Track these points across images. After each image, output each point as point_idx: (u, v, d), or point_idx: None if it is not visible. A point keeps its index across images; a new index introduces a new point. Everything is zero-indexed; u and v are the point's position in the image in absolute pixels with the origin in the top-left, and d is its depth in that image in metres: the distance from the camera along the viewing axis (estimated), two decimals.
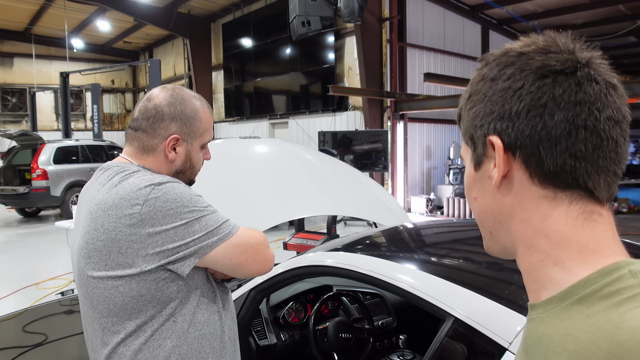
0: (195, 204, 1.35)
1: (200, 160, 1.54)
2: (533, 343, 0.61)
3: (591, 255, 0.60)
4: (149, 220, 1.30)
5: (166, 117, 1.44)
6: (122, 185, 1.35)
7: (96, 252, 1.34)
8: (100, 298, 1.36)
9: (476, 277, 1.67)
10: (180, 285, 1.36)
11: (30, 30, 20.78)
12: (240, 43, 16.56)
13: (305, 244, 4.70)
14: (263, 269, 1.48)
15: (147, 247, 1.30)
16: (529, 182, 0.63)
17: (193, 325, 1.39)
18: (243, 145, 3.60)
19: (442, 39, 13.49)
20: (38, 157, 11.07)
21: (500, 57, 0.67)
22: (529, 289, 0.66)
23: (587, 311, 0.56)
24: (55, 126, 21.99)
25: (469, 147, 0.70)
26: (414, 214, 11.83)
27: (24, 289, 6.38)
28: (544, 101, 0.60)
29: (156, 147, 1.46)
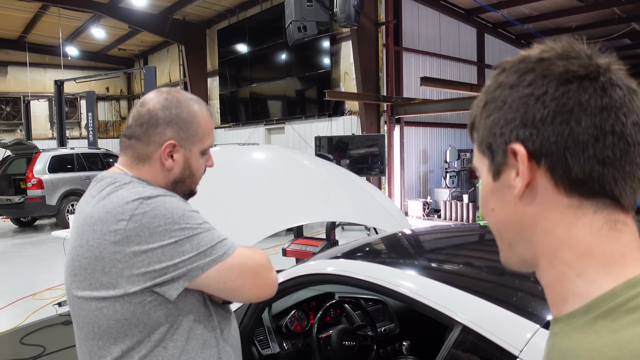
0: (187, 221, 1.24)
1: (201, 167, 1.41)
2: (557, 358, 0.59)
3: (616, 266, 0.58)
4: (135, 238, 1.19)
5: (161, 122, 1.33)
6: (109, 199, 1.25)
7: (81, 270, 1.24)
8: (85, 320, 1.27)
9: (481, 283, 1.65)
10: (170, 309, 1.25)
11: (25, 39, 20.74)
12: (235, 49, 16.58)
13: (305, 250, 4.67)
14: (263, 293, 1.35)
15: (131, 267, 1.20)
16: (553, 191, 0.60)
17: (185, 353, 1.28)
18: (240, 151, 3.58)
19: (438, 43, 13.52)
20: (33, 166, 11.03)
21: (518, 63, 0.64)
22: (551, 303, 0.65)
23: (613, 325, 0.54)
24: (50, 134, 21.93)
25: (485, 156, 0.68)
26: (410, 217, 11.82)
27: (21, 300, 6.33)
28: (570, 107, 0.58)
29: (151, 155, 1.34)
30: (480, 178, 0.72)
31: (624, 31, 13.68)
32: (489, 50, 15.04)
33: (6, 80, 21.97)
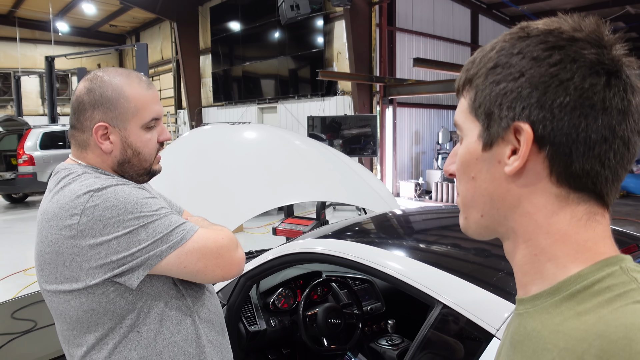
0: (141, 209, 1.22)
1: (147, 143, 1.35)
2: (521, 338, 0.60)
3: (587, 252, 0.59)
4: (89, 231, 1.18)
5: (87, 106, 1.30)
6: (62, 193, 1.24)
7: (46, 265, 1.25)
8: (57, 311, 1.28)
9: (464, 264, 1.69)
10: (135, 296, 1.25)
11: (14, 13, 20.39)
12: (228, 27, 16.39)
13: (295, 229, 4.70)
14: (228, 273, 1.34)
15: (89, 260, 1.20)
16: (545, 179, 0.59)
17: (160, 334, 1.29)
18: (232, 131, 3.58)
19: (432, 24, 13.44)
20: (24, 142, 10.95)
21: (547, 34, 0.59)
22: (518, 282, 0.65)
23: (578, 308, 0.55)
24: (41, 111, 21.72)
25: (478, 121, 0.64)
26: (402, 198, 11.88)
27: (12, 275, 6.35)
28: (593, 102, 0.56)
29: (88, 141, 1.32)
30: (461, 138, 0.68)
31: (618, 14, 13.64)
32: (483, 31, 14.97)
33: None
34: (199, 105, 18.68)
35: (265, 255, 2.12)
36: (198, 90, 18.69)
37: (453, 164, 0.70)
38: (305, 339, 2.21)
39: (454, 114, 0.69)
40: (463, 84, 0.67)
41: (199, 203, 2.57)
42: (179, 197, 2.39)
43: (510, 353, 0.62)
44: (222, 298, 2.15)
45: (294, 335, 2.39)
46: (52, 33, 18.53)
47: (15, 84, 17.09)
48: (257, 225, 8.74)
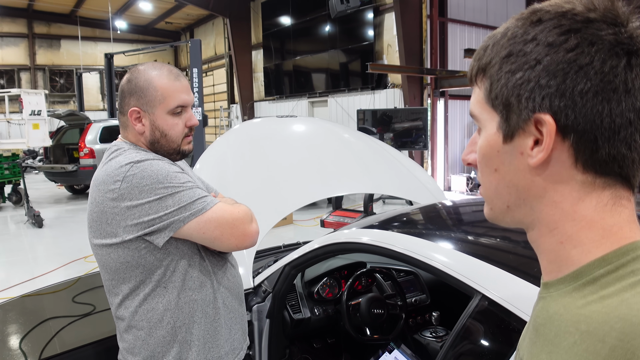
0: (170, 181, 1.44)
1: (172, 127, 1.56)
2: (543, 321, 0.60)
3: (612, 237, 0.58)
4: (127, 195, 1.41)
5: (126, 94, 1.55)
6: (110, 164, 1.49)
7: (93, 223, 1.50)
8: (101, 263, 1.53)
9: (504, 255, 1.67)
10: (162, 254, 1.47)
11: (76, 13, 21.33)
12: (279, 21, 16.54)
13: (342, 221, 4.74)
14: (242, 243, 1.54)
15: (126, 219, 1.42)
16: (571, 166, 0.58)
17: (183, 292, 1.51)
18: (280, 124, 3.63)
19: (485, 13, 13.13)
20: (85, 136, 11.40)
21: (560, 17, 0.57)
22: (544, 269, 0.64)
23: (601, 292, 0.54)
24: (101, 106, 22.61)
25: (496, 112, 0.62)
26: (454, 192, 11.70)
27: (73, 262, 6.67)
28: (615, 85, 0.54)
29: (127, 122, 1.57)
30: (478, 128, 0.67)
31: None
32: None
33: (59, 54, 22.71)
34: (251, 100, 18.96)
35: (310, 244, 2.14)
36: (250, 84, 18.96)
37: (472, 152, 0.69)
38: (348, 328, 2.23)
39: None
40: (476, 73, 0.65)
41: (248, 192, 2.63)
42: (227, 186, 2.45)
43: (532, 336, 0.62)
44: (268, 286, 2.20)
45: (338, 325, 2.42)
46: (111, 31, 19.25)
47: (78, 81, 17.85)
48: (307, 218, 8.83)
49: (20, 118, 10.45)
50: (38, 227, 8.79)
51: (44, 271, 6.29)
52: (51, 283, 3.36)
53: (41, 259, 7.11)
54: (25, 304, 3.02)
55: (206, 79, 21.74)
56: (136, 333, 1.52)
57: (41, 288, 3.24)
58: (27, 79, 22.13)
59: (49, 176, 12.01)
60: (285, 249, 3.10)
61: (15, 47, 21.92)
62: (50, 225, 9.07)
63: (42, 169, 12.03)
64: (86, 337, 2.34)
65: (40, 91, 10.46)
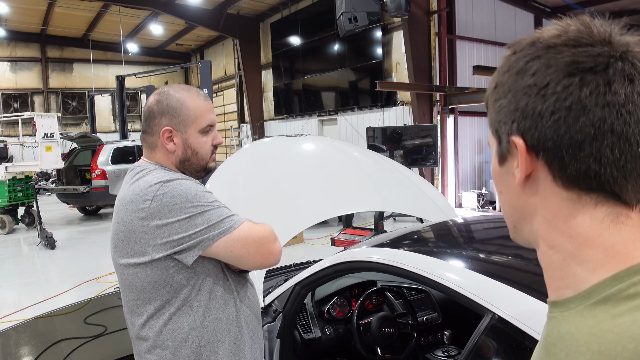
0: (199, 200, 1.47)
1: (202, 145, 1.62)
2: (554, 341, 0.59)
3: (617, 256, 0.57)
4: (157, 214, 1.44)
5: (156, 114, 1.58)
6: (137, 183, 1.51)
7: (119, 242, 1.52)
8: (125, 283, 1.54)
9: (516, 273, 1.66)
10: (190, 273, 1.49)
11: (88, 37, 21.70)
12: (288, 41, 16.71)
13: (353, 240, 4.73)
14: (267, 261, 1.56)
15: (156, 237, 1.44)
16: (552, 184, 0.60)
17: (208, 310, 1.52)
18: (290, 143, 3.65)
19: (493, 30, 13.17)
20: (97, 157, 11.53)
21: (528, 47, 0.62)
22: (549, 286, 0.64)
23: (613, 311, 0.54)
24: (113, 127, 22.87)
25: (494, 139, 0.68)
26: (465, 209, 11.63)
27: (85, 283, 6.70)
28: (568, 103, 0.56)
29: (157, 142, 1.60)
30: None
31: None
32: None
33: (72, 77, 23.06)
34: (261, 119, 19.08)
35: (320, 263, 2.14)
36: (260, 104, 19.11)
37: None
38: (359, 348, 2.21)
39: None
40: (486, 107, 0.71)
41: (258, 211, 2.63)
42: (238, 206, 2.46)
43: (543, 356, 0.61)
44: (278, 306, 2.19)
45: (349, 344, 2.40)
46: (123, 54, 19.52)
47: (90, 103, 18.09)
48: (317, 237, 8.81)
49: (33, 141, 10.59)
50: (51, 249, 8.84)
51: (57, 293, 6.31)
52: (63, 305, 3.38)
53: (53, 280, 7.14)
54: (37, 326, 3.03)
55: (216, 99, 21.93)
56: (160, 353, 1.53)
57: (53, 310, 3.26)
58: (40, 102, 22.45)
59: (62, 198, 12.11)
60: (295, 268, 3.10)
61: (28, 71, 22.28)
62: (62, 247, 9.12)
63: (54, 191, 12.15)
64: (98, 358, 2.34)
65: (52, 114, 10.60)
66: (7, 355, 2.58)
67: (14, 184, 10.40)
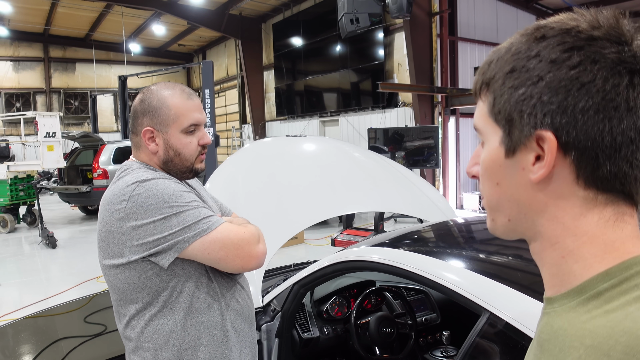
0: (175, 200, 1.43)
1: (186, 145, 1.56)
2: (548, 337, 0.59)
3: (615, 252, 0.58)
4: (133, 215, 1.41)
5: (139, 113, 1.56)
6: (117, 183, 1.49)
7: (102, 243, 1.49)
8: (109, 283, 1.52)
9: (513, 272, 1.66)
10: (168, 275, 1.45)
11: (91, 37, 21.73)
12: (290, 42, 16.72)
13: (353, 240, 4.73)
14: (247, 264, 1.50)
15: (132, 239, 1.41)
16: (572, 183, 0.58)
17: (190, 313, 1.48)
18: (291, 143, 3.66)
19: (495, 32, 13.17)
20: (99, 157, 11.53)
21: (564, 34, 0.58)
22: (546, 283, 0.64)
23: (606, 306, 0.54)
24: (115, 127, 22.90)
25: (499, 127, 0.63)
26: (466, 210, 11.63)
27: (85, 282, 6.70)
28: (616, 103, 0.54)
29: (140, 142, 1.57)
30: (482, 142, 0.67)
31: None
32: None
33: (74, 77, 23.09)
34: (262, 120, 19.10)
35: (319, 262, 2.14)
36: (262, 105, 19.12)
37: (476, 165, 0.69)
38: (358, 348, 2.22)
39: None
40: (480, 87, 0.66)
41: (258, 211, 2.64)
42: (237, 205, 2.46)
43: (537, 352, 0.62)
44: (277, 305, 2.20)
45: (347, 344, 2.40)
46: (125, 54, 19.56)
47: (92, 103, 18.12)
48: (318, 237, 8.81)
49: (35, 140, 10.61)
50: (52, 248, 8.85)
51: (57, 291, 6.32)
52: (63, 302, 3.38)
53: (54, 279, 7.15)
54: (37, 324, 3.04)
55: (218, 99, 21.95)
56: (142, 354, 1.50)
57: (53, 307, 3.26)
58: (42, 101, 22.48)
59: (63, 197, 12.13)
60: (295, 268, 3.10)
61: (31, 71, 22.32)
62: (63, 246, 9.14)
63: (56, 190, 12.16)
64: (97, 357, 2.35)
65: (54, 113, 10.63)
66: (7, 353, 2.58)
67: (16, 183, 10.42)
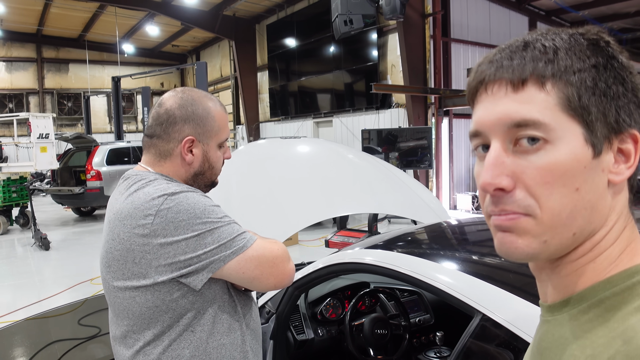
0: (208, 215, 1.31)
1: (219, 159, 1.50)
2: (548, 345, 0.59)
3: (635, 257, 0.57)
4: (161, 231, 1.27)
5: (178, 119, 1.42)
6: (137, 195, 1.34)
7: (114, 262, 1.34)
8: (120, 307, 1.36)
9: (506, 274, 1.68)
10: (196, 296, 1.33)
11: (84, 37, 21.65)
12: (284, 43, 16.72)
13: (347, 241, 4.74)
14: (280, 283, 1.43)
15: (159, 257, 1.28)
16: (627, 185, 0.58)
17: (212, 336, 1.37)
18: (285, 145, 3.66)
19: (488, 33, 13.23)
20: (92, 158, 11.50)
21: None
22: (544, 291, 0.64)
23: (606, 315, 0.54)
24: (109, 128, 22.81)
25: (577, 123, 0.56)
26: (459, 211, 11.67)
27: (79, 284, 6.68)
28: None
29: (172, 151, 1.43)
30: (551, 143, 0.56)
31: None
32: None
33: (67, 77, 23.00)
34: (256, 121, 19.08)
35: (313, 264, 2.15)
36: (256, 106, 19.11)
37: (502, 175, 0.59)
38: (352, 349, 2.23)
39: None
40: (539, 74, 0.58)
41: (252, 213, 2.65)
42: (231, 208, 2.47)
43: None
44: (272, 307, 2.20)
45: (342, 345, 2.41)
46: (119, 55, 19.50)
47: (85, 104, 18.06)
48: (312, 238, 8.82)
49: (28, 141, 10.56)
50: (45, 250, 8.81)
51: (51, 294, 6.29)
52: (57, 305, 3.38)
53: (48, 281, 7.12)
54: (30, 327, 3.03)
55: None
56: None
57: (47, 310, 3.26)
58: (35, 102, 22.39)
59: (56, 199, 12.08)
60: None
61: (24, 72, 22.22)
62: (57, 248, 9.09)
63: (49, 192, 12.11)
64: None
65: (48, 114, 10.58)
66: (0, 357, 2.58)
67: (9, 184, 10.36)
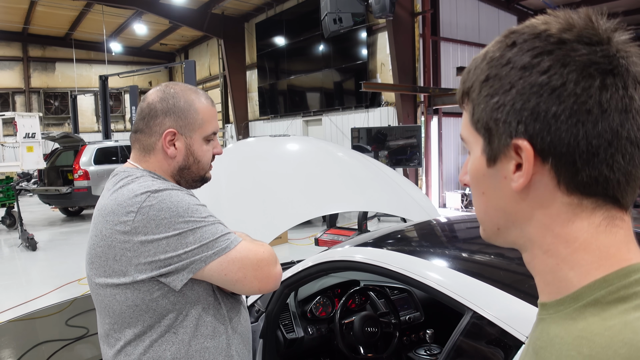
0: (191, 214, 1.29)
1: (205, 153, 1.46)
2: (544, 344, 0.58)
3: (611, 259, 0.56)
4: (142, 229, 1.25)
5: (159, 113, 1.41)
6: (121, 192, 1.32)
7: (96, 258, 1.32)
8: (102, 304, 1.34)
9: (496, 271, 1.68)
10: (177, 297, 1.30)
11: (71, 36, 21.47)
12: (273, 42, 16.70)
13: (337, 240, 4.74)
14: (265, 286, 1.38)
15: (139, 255, 1.26)
16: (554, 189, 0.57)
17: (195, 338, 1.34)
18: (274, 143, 3.65)
19: (477, 32, 13.29)
20: (79, 158, 11.40)
21: (533, 39, 0.57)
22: (541, 290, 0.63)
23: (603, 314, 0.53)
24: (96, 128, 22.65)
25: (479, 135, 0.62)
26: (449, 209, 11.72)
27: (67, 285, 6.62)
28: (589, 106, 0.53)
29: (155, 145, 1.42)
30: (469, 152, 0.67)
31: None
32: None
33: (54, 76, 22.79)
34: (245, 119, 19.04)
35: (303, 262, 2.14)
36: (245, 104, 19.06)
37: (464, 175, 0.69)
38: (342, 347, 2.22)
39: None
40: (461, 96, 0.66)
41: (241, 212, 2.63)
42: (220, 207, 2.46)
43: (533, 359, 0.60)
44: (261, 306, 2.19)
45: (332, 344, 2.40)
46: (106, 53, 19.35)
47: (72, 103, 17.90)
48: (301, 237, 8.81)
49: (14, 141, 10.44)
50: (32, 250, 8.72)
51: (38, 294, 6.23)
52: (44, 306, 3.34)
53: (35, 282, 7.05)
54: (17, 328, 3.00)
55: None
56: None
57: (34, 311, 3.22)
58: (21, 102, 22.16)
59: (43, 199, 11.97)
60: None
61: (10, 71, 21.98)
62: (44, 248, 9.01)
63: (36, 192, 12.00)
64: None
65: (34, 114, 10.46)
66: None
67: None
